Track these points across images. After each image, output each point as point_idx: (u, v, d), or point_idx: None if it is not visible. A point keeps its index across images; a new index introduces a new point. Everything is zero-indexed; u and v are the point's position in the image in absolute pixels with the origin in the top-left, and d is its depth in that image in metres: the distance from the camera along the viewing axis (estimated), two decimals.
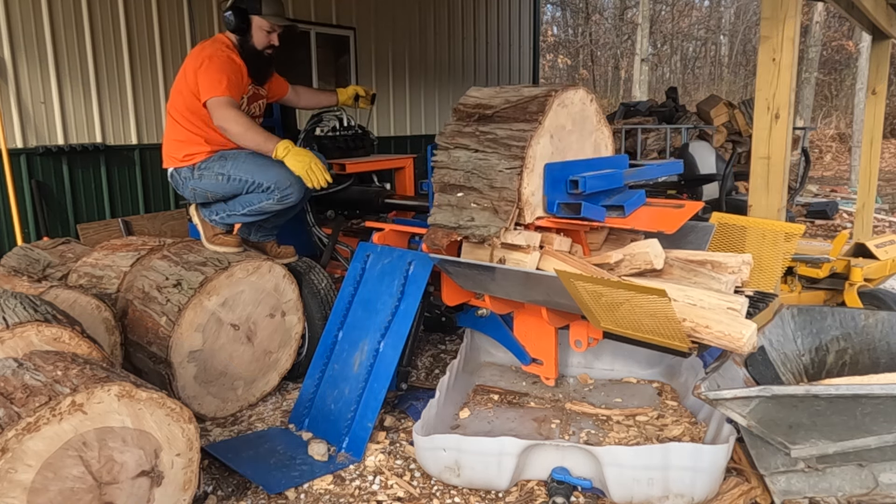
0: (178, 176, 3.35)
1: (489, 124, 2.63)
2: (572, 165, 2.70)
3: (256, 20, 3.29)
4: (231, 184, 3.23)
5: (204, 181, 3.27)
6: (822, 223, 8.11)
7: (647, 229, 2.53)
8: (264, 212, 3.29)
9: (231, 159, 3.24)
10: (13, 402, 1.91)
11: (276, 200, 3.21)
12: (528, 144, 2.50)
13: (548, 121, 2.58)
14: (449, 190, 2.64)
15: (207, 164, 3.26)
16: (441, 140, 2.75)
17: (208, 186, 3.28)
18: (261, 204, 3.24)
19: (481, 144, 2.62)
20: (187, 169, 3.28)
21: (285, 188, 3.18)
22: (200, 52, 3.23)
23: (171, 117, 3.31)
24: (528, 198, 2.54)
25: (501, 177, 2.51)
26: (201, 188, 3.30)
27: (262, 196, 3.21)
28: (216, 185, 3.26)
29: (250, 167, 3.20)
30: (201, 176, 3.27)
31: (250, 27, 3.30)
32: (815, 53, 14.16)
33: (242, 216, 3.32)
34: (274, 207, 3.26)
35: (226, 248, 3.24)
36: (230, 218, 3.35)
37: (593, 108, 2.86)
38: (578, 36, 24.60)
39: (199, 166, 3.26)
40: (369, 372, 2.90)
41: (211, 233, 3.30)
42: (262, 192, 3.20)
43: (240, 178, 3.20)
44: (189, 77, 3.20)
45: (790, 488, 2.26)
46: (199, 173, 3.27)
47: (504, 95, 2.69)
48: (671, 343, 2.19)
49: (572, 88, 2.71)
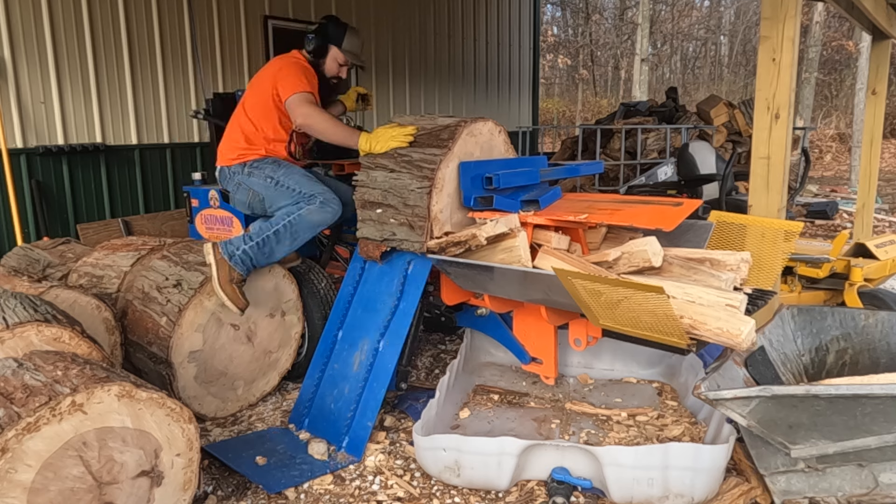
0: (227, 171, 3.37)
1: (407, 148, 2.93)
2: (489, 164, 2.98)
3: (334, 51, 3.48)
4: (278, 190, 3.23)
5: (252, 178, 3.28)
6: (822, 223, 8.11)
7: (646, 227, 2.54)
8: (305, 224, 3.13)
9: (284, 167, 3.28)
10: (13, 402, 1.91)
11: (319, 205, 3.15)
12: (438, 167, 2.80)
13: (457, 147, 2.89)
14: (369, 206, 2.95)
15: (260, 164, 3.30)
16: (363, 161, 3.05)
17: (255, 185, 3.29)
18: (301, 212, 3.13)
19: (398, 165, 2.92)
20: (238, 165, 3.31)
21: (331, 199, 3.18)
22: (279, 60, 3.40)
23: (237, 122, 3.38)
24: (436, 214, 2.83)
25: (413, 195, 2.80)
26: (247, 184, 3.31)
27: (305, 204, 3.16)
28: (263, 185, 3.26)
29: (300, 179, 3.23)
30: (251, 173, 3.28)
31: (327, 54, 3.48)
32: (815, 53, 14.17)
33: (277, 242, 3.10)
34: (315, 217, 3.14)
35: (231, 304, 2.97)
36: (264, 248, 3.09)
37: (501, 139, 3.19)
38: (578, 36, 24.61)
39: (251, 164, 3.30)
40: (369, 371, 2.91)
41: (227, 275, 3.00)
42: (306, 201, 3.17)
43: (288, 185, 3.21)
44: (266, 81, 3.31)
45: (790, 488, 2.26)
46: (249, 170, 3.29)
47: (421, 123, 3.03)
48: (670, 340, 2.19)
49: (482, 121, 3.05)
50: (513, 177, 2.92)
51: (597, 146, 8.86)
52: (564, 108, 22.74)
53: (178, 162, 5.98)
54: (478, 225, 2.72)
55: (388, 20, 8.21)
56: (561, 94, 24.99)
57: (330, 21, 3.51)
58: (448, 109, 9.43)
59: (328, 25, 3.48)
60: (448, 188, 2.88)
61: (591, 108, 22.36)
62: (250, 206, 3.38)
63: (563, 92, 25.08)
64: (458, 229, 2.92)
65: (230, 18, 6.40)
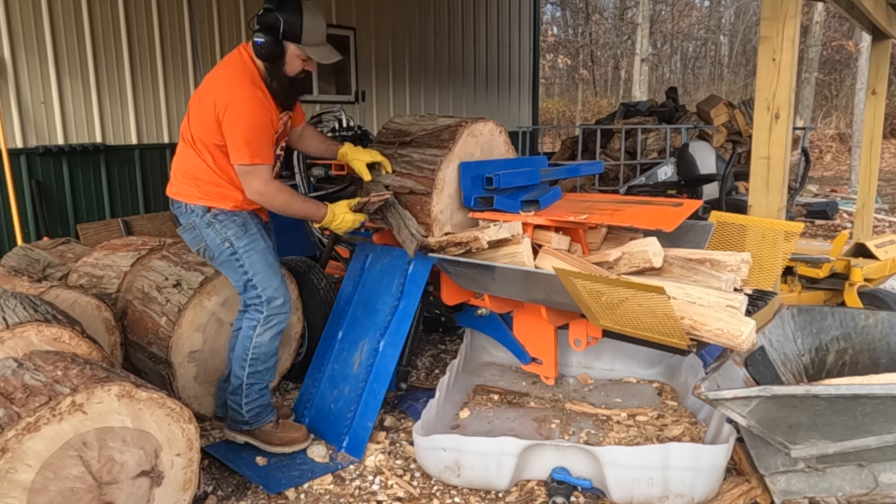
0: (183, 206, 2.71)
1: (406, 148, 2.96)
2: (489, 164, 2.97)
3: (292, 49, 2.61)
4: (230, 262, 2.69)
5: (210, 231, 2.67)
6: (822, 223, 8.11)
7: (646, 227, 2.54)
8: (263, 352, 2.76)
9: (248, 237, 2.70)
10: (13, 402, 1.91)
11: (266, 324, 2.72)
12: (438, 168, 2.81)
13: (458, 148, 2.89)
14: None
15: (226, 220, 2.67)
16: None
17: (209, 239, 2.68)
18: (254, 343, 2.74)
19: (398, 165, 2.95)
20: (199, 207, 2.66)
21: (279, 305, 2.73)
22: (224, 90, 2.56)
23: (193, 148, 2.66)
24: (436, 215, 2.84)
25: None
26: (201, 233, 2.69)
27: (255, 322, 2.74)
28: (218, 247, 2.68)
29: (258, 264, 2.70)
30: (211, 224, 2.66)
31: (284, 55, 2.62)
32: (815, 53, 14.16)
33: (257, 378, 2.77)
34: (267, 338, 2.74)
35: (295, 447, 2.80)
36: (252, 390, 2.78)
37: (502, 139, 3.18)
38: (578, 36, 24.60)
39: (215, 213, 2.66)
40: (369, 372, 2.91)
41: (269, 433, 2.79)
42: (253, 297, 2.72)
43: (244, 265, 2.69)
44: (210, 118, 2.56)
45: (790, 488, 2.26)
46: (210, 220, 2.66)
47: (422, 123, 3.03)
48: (670, 341, 2.20)
49: (482, 121, 3.04)
50: (513, 177, 2.92)
51: (597, 146, 8.86)
52: (564, 108, 22.74)
53: None
54: (480, 228, 2.72)
55: (388, 20, 8.21)
56: (561, 94, 24.99)
57: (279, 4, 2.58)
58: (448, 109, 9.42)
59: (277, 14, 2.56)
60: (448, 189, 2.88)
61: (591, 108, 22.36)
62: (196, 249, 2.78)
63: (563, 92, 25.08)
64: (459, 230, 2.92)
65: (230, 18, 6.40)
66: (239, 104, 2.52)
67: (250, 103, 2.54)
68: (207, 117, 2.57)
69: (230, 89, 2.55)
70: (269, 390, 2.87)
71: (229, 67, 2.66)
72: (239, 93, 2.54)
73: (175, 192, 2.73)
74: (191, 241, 2.76)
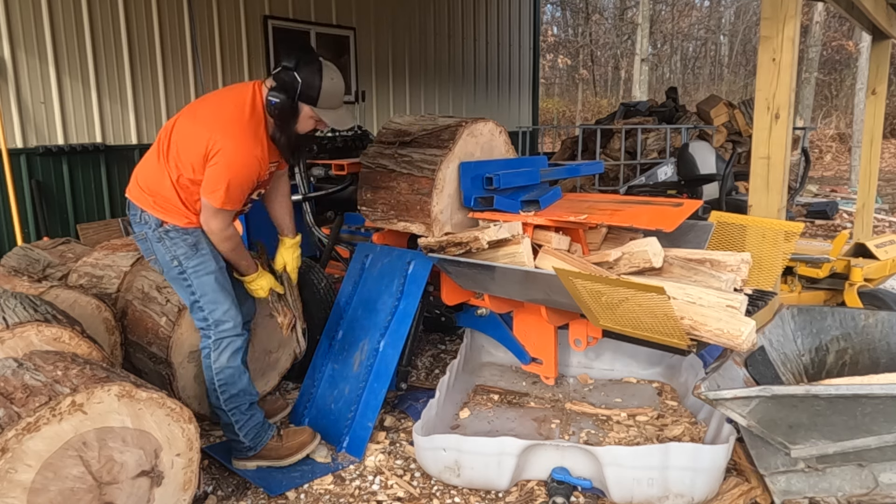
0: (138, 212, 2.59)
1: (406, 148, 2.96)
2: (489, 164, 2.97)
3: (307, 110, 2.49)
4: (179, 280, 2.60)
5: (160, 246, 2.56)
6: (822, 223, 8.11)
7: (646, 227, 2.54)
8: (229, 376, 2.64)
9: (199, 258, 2.57)
10: (13, 402, 1.91)
11: (213, 347, 2.61)
12: (438, 168, 2.81)
13: (458, 148, 2.89)
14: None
15: (177, 237, 2.55)
16: (364, 160, 3.06)
17: (159, 253, 2.57)
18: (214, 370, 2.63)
19: (398, 165, 2.94)
20: (152, 217, 2.55)
21: (226, 329, 2.61)
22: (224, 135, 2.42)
23: (164, 164, 2.54)
24: (436, 215, 2.83)
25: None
26: (152, 245, 2.58)
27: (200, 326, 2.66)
28: (167, 263, 2.58)
29: (207, 287, 2.59)
30: (161, 239, 2.54)
31: (297, 115, 2.50)
32: (815, 53, 14.16)
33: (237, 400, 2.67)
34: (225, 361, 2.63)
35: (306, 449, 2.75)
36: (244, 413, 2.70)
37: (502, 139, 3.17)
38: (578, 36, 24.60)
39: (167, 228, 2.54)
40: (369, 372, 2.91)
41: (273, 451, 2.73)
42: (200, 319, 2.62)
43: (192, 287, 2.58)
44: (197, 151, 2.43)
45: (790, 488, 2.26)
46: (161, 235, 2.54)
47: (422, 123, 3.04)
48: (670, 341, 2.20)
49: (482, 121, 3.04)
50: (513, 177, 2.92)
51: (597, 146, 8.86)
52: (564, 108, 22.74)
53: None
54: (480, 228, 2.72)
55: (388, 20, 8.21)
56: (561, 94, 24.99)
57: (299, 64, 2.44)
58: (448, 109, 9.42)
59: (296, 74, 2.43)
60: (448, 189, 2.88)
61: (591, 108, 22.36)
62: (148, 259, 2.68)
63: (563, 92, 25.08)
64: (459, 230, 2.92)
65: (230, 18, 6.40)
66: (233, 155, 2.41)
67: (245, 158, 2.43)
68: (195, 151, 2.43)
69: (229, 137, 2.42)
70: (257, 407, 2.74)
71: (235, 110, 2.48)
72: (237, 143, 2.42)
73: (133, 195, 2.62)
74: (143, 252, 2.67)
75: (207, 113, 2.52)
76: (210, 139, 2.40)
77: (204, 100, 2.63)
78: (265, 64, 6.76)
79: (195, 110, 2.57)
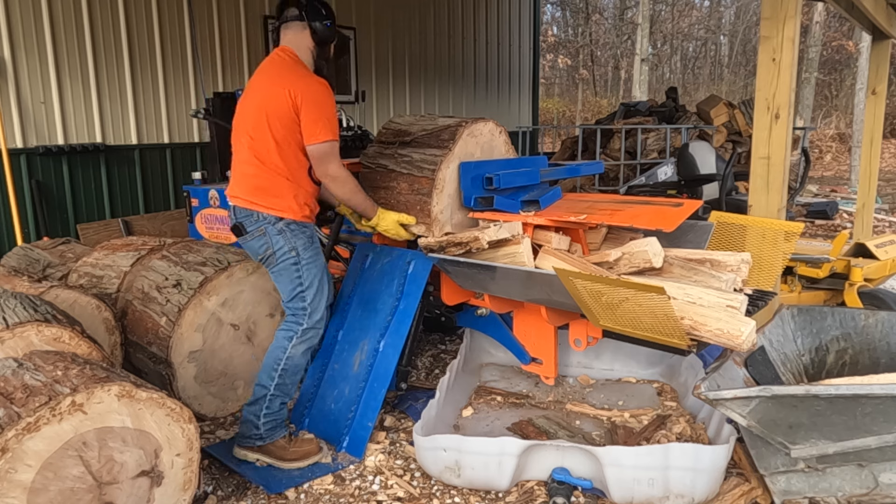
0: (254, 215, 2.71)
1: (406, 148, 2.96)
2: (489, 164, 2.97)
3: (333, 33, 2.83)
4: (290, 271, 2.72)
5: (280, 238, 2.69)
6: (822, 223, 8.11)
7: (646, 227, 2.54)
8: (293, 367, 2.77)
9: (312, 251, 2.76)
10: (13, 402, 1.91)
11: (303, 338, 2.76)
12: (438, 168, 2.81)
13: (458, 148, 2.89)
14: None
15: (297, 230, 2.72)
16: (364, 160, 3.07)
17: (277, 246, 2.70)
18: (288, 354, 2.75)
19: (398, 165, 2.93)
20: (272, 216, 2.69)
21: (316, 321, 2.79)
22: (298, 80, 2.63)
23: (265, 156, 2.67)
24: (437, 215, 2.83)
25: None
26: (272, 239, 2.70)
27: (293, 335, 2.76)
28: (285, 255, 2.71)
29: (315, 279, 2.76)
30: (282, 232, 2.69)
31: (333, 40, 2.82)
32: (815, 53, 14.16)
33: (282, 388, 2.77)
34: (299, 352, 2.77)
35: (310, 460, 2.75)
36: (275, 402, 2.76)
37: (502, 140, 3.17)
38: (578, 36, 24.61)
39: (288, 222, 2.69)
40: (369, 372, 2.91)
41: (280, 449, 2.75)
42: (299, 307, 2.76)
43: (301, 278, 2.73)
44: (284, 110, 2.60)
45: (790, 488, 2.26)
46: (282, 228, 2.69)
47: (422, 123, 3.04)
48: (670, 341, 2.19)
49: (482, 121, 3.03)
50: (513, 177, 2.92)
51: (597, 146, 8.86)
52: (564, 108, 22.74)
53: (178, 162, 5.98)
54: (480, 228, 2.72)
55: (387, 20, 8.21)
56: (561, 94, 24.99)
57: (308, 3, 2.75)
58: (448, 109, 9.42)
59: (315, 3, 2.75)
60: (448, 189, 2.88)
61: (591, 108, 22.36)
62: (258, 257, 2.79)
63: (563, 92, 25.08)
64: (459, 229, 2.92)
65: (230, 18, 6.40)
66: (315, 88, 2.64)
67: (324, 87, 2.68)
68: (284, 112, 2.61)
69: (301, 79, 2.65)
70: (287, 409, 2.84)
71: (283, 66, 2.72)
72: (311, 79, 2.68)
73: (246, 202, 2.72)
74: (256, 247, 2.76)
75: (268, 84, 2.70)
76: (289, 91, 2.60)
77: (251, 85, 2.78)
78: None
79: (252, 95, 2.74)
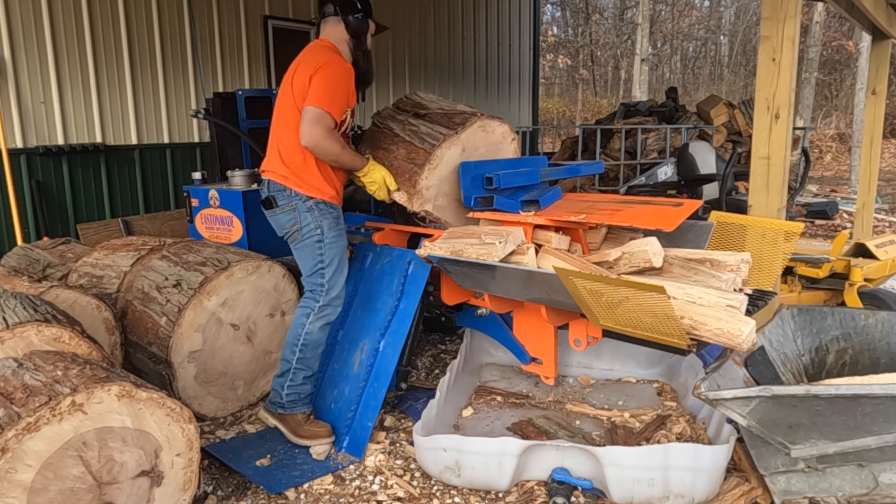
0: (286, 191, 2.83)
1: (418, 120, 3.01)
2: (489, 164, 2.99)
3: (370, 22, 2.97)
4: (313, 249, 2.84)
5: (309, 216, 2.81)
6: (822, 223, 8.11)
7: (646, 227, 2.54)
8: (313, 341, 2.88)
9: (336, 231, 2.88)
10: (13, 402, 1.91)
11: (320, 315, 2.85)
12: (439, 145, 2.86)
13: (465, 134, 2.94)
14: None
15: (325, 210, 2.84)
16: (375, 118, 3.14)
17: (305, 223, 2.82)
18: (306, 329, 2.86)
19: (404, 131, 2.99)
20: (303, 194, 2.81)
21: (333, 298, 2.87)
22: (320, 55, 2.80)
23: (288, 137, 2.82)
24: (421, 189, 2.87)
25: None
26: (301, 215, 2.82)
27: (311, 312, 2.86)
28: (310, 232, 2.83)
29: (335, 259, 2.87)
30: (311, 210, 2.81)
31: (367, 28, 2.96)
32: (815, 53, 14.17)
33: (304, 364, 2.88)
34: (317, 327, 2.86)
35: (319, 442, 2.84)
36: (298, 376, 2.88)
37: (512, 147, 3.21)
38: (578, 36, 24.61)
39: (318, 201, 2.82)
40: (369, 371, 2.91)
41: (297, 423, 2.88)
42: (317, 284, 2.86)
43: (323, 255, 2.84)
44: (303, 85, 2.74)
45: (790, 488, 2.26)
46: (311, 206, 2.81)
47: (441, 104, 3.11)
48: (670, 340, 2.19)
49: (497, 121, 3.08)
50: (513, 177, 2.92)
51: (597, 146, 8.86)
52: (564, 108, 22.74)
53: (178, 162, 5.98)
54: (480, 230, 2.73)
55: (387, 20, 8.19)
56: (561, 94, 24.99)
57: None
58: None
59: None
60: (442, 171, 2.90)
61: (591, 108, 22.36)
62: (283, 231, 2.91)
63: (563, 92, 25.08)
64: (457, 225, 2.93)
65: (230, 18, 6.40)
66: (335, 67, 2.76)
67: (343, 67, 2.80)
68: (304, 87, 2.74)
69: (325, 56, 2.79)
70: (313, 382, 2.95)
71: (315, 49, 2.87)
72: (334, 58, 2.79)
73: (280, 177, 2.84)
74: (283, 221, 2.88)
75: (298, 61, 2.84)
76: (309, 65, 2.76)
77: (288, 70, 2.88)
78: (265, 64, 6.76)
79: (288, 76, 2.85)
